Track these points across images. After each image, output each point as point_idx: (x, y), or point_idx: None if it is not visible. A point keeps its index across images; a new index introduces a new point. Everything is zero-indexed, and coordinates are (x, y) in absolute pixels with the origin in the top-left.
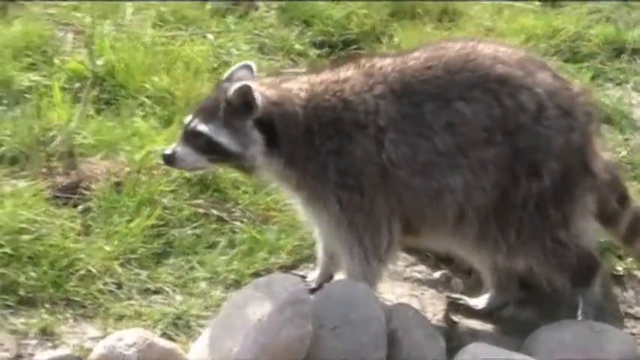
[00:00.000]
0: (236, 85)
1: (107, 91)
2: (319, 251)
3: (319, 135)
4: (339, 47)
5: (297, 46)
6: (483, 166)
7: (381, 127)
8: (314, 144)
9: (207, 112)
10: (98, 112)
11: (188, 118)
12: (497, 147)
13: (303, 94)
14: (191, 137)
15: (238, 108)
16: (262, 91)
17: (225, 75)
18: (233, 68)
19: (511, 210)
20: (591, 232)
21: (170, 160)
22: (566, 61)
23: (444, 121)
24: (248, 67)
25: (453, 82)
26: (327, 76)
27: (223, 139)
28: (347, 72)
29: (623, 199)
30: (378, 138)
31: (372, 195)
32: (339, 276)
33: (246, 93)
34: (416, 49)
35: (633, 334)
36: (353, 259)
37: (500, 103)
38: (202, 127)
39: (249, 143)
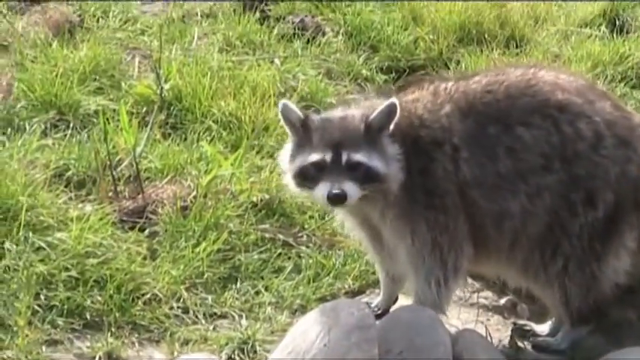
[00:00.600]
0: (384, 105)
1: (174, 116)
2: (381, 276)
3: (411, 152)
4: (406, 73)
5: (364, 72)
6: (540, 193)
7: (456, 146)
8: (409, 161)
9: (350, 142)
10: (165, 136)
11: (324, 155)
12: (555, 174)
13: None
14: (347, 170)
15: (377, 128)
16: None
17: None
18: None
19: (564, 239)
20: (621, 273)
21: (342, 198)
22: (633, 87)
23: (505, 146)
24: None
25: (513, 106)
26: (397, 97)
27: (376, 162)
28: (414, 94)
29: None
30: (454, 156)
31: (455, 214)
32: (404, 301)
33: (393, 111)
34: (477, 73)
35: None
36: (428, 282)
37: (559, 130)
38: (358, 157)
39: (390, 161)
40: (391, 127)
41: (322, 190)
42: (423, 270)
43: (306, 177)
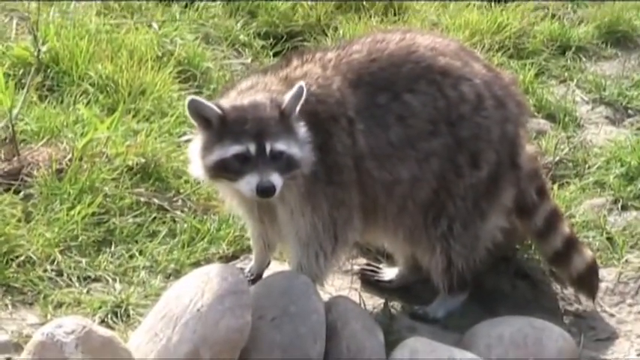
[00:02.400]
0: (294, 90)
1: (51, 78)
2: (255, 242)
3: (309, 130)
4: (284, 39)
5: (242, 37)
6: (427, 158)
7: (351, 118)
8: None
9: (269, 131)
10: (41, 98)
11: (247, 147)
12: (441, 138)
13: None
14: (271, 161)
15: (291, 113)
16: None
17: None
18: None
19: (449, 201)
20: (498, 230)
21: (272, 190)
22: (510, 57)
23: (395, 113)
24: None
25: (398, 74)
26: (286, 73)
27: (294, 149)
28: (301, 68)
29: (542, 192)
30: (350, 129)
31: (350, 188)
32: (277, 267)
33: (302, 95)
34: (353, 41)
35: (571, 331)
36: (315, 255)
37: (444, 94)
38: (280, 146)
39: (302, 145)
40: (297, 109)
41: (250, 182)
42: (313, 244)
43: (228, 169)
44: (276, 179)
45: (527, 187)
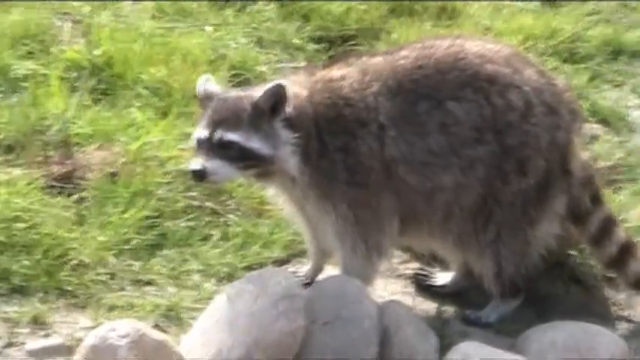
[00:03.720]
0: (268, 86)
1: (104, 82)
2: (310, 246)
3: (327, 132)
4: (338, 43)
5: (295, 41)
6: (472, 165)
7: (382, 124)
8: (323, 141)
9: (229, 121)
10: (95, 102)
11: (202, 133)
12: (487, 145)
13: (305, 92)
14: (218, 149)
15: (266, 110)
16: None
17: (202, 89)
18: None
19: (497, 207)
20: (551, 237)
21: (201, 175)
22: (564, 61)
23: (437, 121)
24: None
25: (443, 81)
26: (322, 74)
27: (255, 144)
28: (339, 70)
29: (596, 199)
30: (380, 135)
31: (378, 191)
32: (332, 272)
33: (278, 93)
34: (402, 47)
35: (623, 337)
36: (354, 255)
37: (490, 102)
38: (231, 136)
39: (279, 144)
40: (286, 111)
41: (190, 165)
42: (347, 244)
43: (194, 151)
44: (217, 165)
45: (581, 194)
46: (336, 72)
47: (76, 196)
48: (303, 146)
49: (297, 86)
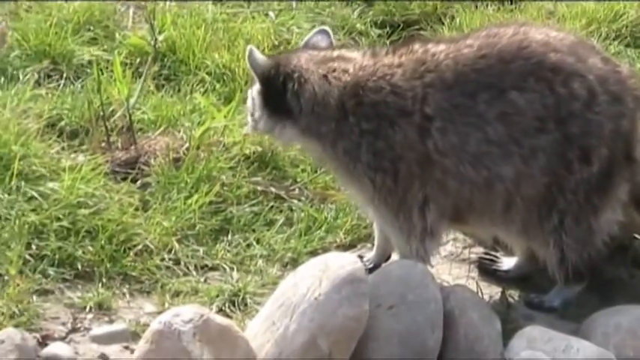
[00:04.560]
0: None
1: (168, 67)
2: (375, 231)
3: (353, 114)
4: (400, 27)
5: (358, 25)
6: (534, 154)
7: (428, 115)
8: (347, 122)
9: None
10: (158, 87)
11: None
12: (549, 134)
13: (347, 73)
14: None
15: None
16: (281, 59)
17: (303, 41)
18: (309, 35)
19: (560, 196)
20: (614, 225)
21: None
22: (627, 45)
23: (497, 111)
24: (324, 32)
25: (507, 71)
26: (379, 59)
27: (249, 100)
28: (400, 57)
29: None
30: (424, 126)
31: (406, 182)
32: (396, 257)
33: (248, 56)
34: (469, 35)
35: None
36: (397, 237)
37: (554, 92)
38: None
39: (256, 105)
40: (256, 75)
41: None
42: (388, 226)
43: None
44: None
45: None
46: (393, 58)
47: (139, 182)
48: (305, 120)
49: (340, 67)
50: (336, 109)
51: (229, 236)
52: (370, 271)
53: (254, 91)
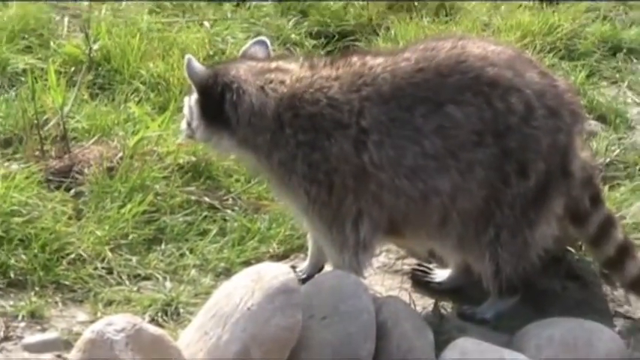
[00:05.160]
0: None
1: (102, 76)
2: (309, 241)
3: (290, 125)
4: (335, 38)
5: (293, 36)
6: (471, 168)
7: (364, 129)
8: (283, 133)
9: None
10: (92, 96)
11: None
12: (487, 148)
13: (284, 84)
14: None
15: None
16: (220, 70)
17: (241, 51)
18: (247, 45)
19: (497, 210)
20: (549, 238)
21: None
22: (561, 58)
23: (434, 125)
24: (262, 43)
25: (444, 84)
26: (317, 70)
27: (186, 109)
28: (337, 70)
29: (596, 199)
30: (360, 139)
31: (341, 194)
32: (329, 268)
33: (186, 66)
34: (407, 48)
35: (621, 333)
36: (330, 249)
37: (491, 106)
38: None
39: (194, 115)
40: (194, 85)
41: None
42: (322, 238)
43: None
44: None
45: (580, 195)
46: (331, 71)
47: (73, 191)
48: (242, 132)
49: (276, 78)
50: (272, 121)
51: (162, 246)
52: (303, 281)
53: (192, 100)
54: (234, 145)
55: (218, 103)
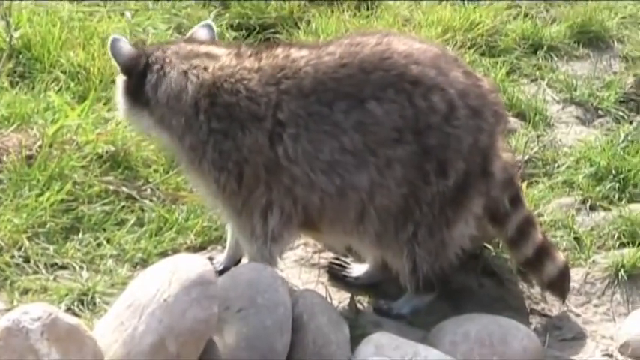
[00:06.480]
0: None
1: (22, 64)
2: (227, 233)
3: (205, 112)
4: (257, 31)
5: (215, 28)
6: (390, 165)
7: (280, 122)
8: (197, 119)
9: None
10: (12, 84)
11: None
12: (407, 146)
13: (206, 71)
14: None
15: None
16: (146, 50)
17: (188, 35)
18: (194, 28)
19: (416, 207)
20: (467, 238)
21: None
22: (482, 54)
23: (354, 120)
24: (208, 27)
25: (367, 81)
26: (241, 60)
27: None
28: (260, 61)
29: (516, 200)
30: (275, 131)
31: (250, 185)
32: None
33: (111, 45)
34: (332, 42)
35: (537, 330)
36: (241, 237)
37: (413, 104)
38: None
39: (119, 93)
40: (119, 64)
41: None
42: (235, 227)
43: None
44: None
45: (500, 196)
46: (254, 62)
47: None
48: (159, 112)
49: (201, 64)
50: (188, 106)
51: (80, 235)
52: (220, 273)
53: (118, 79)
54: (152, 125)
55: (140, 83)
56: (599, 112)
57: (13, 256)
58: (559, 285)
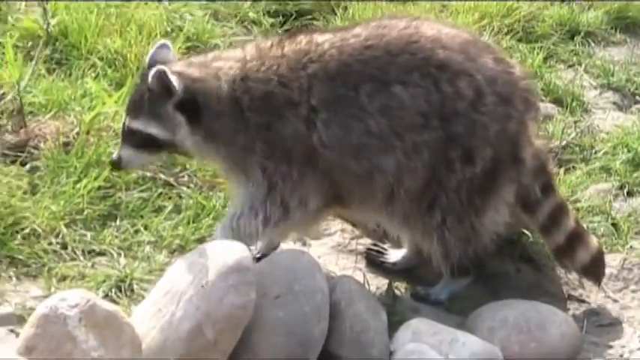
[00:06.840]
0: (152, 71)
1: (59, 51)
2: None
3: (249, 109)
4: (293, 17)
5: (251, 14)
6: (417, 150)
7: (314, 108)
8: (243, 117)
9: (135, 107)
10: (50, 71)
11: (123, 118)
12: (433, 131)
13: (232, 70)
14: (128, 136)
15: (160, 94)
16: (183, 71)
17: (147, 61)
18: (150, 52)
19: (441, 193)
20: (500, 225)
21: (117, 164)
22: (519, 40)
23: (379, 104)
24: (165, 47)
25: (392, 64)
26: (263, 51)
27: (153, 129)
28: (282, 49)
29: (548, 188)
30: (310, 118)
31: (301, 168)
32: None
33: (162, 77)
34: (358, 24)
35: (574, 316)
36: (257, 212)
37: (439, 89)
38: (133, 124)
39: (175, 128)
40: (175, 97)
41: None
42: (252, 201)
43: None
44: (126, 153)
45: (531, 184)
46: (279, 49)
47: (29, 165)
48: (207, 124)
49: (225, 66)
50: (225, 105)
51: (117, 222)
52: (258, 260)
53: (169, 110)
54: (200, 140)
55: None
56: (637, 97)
57: (50, 243)
58: (593, 271)
